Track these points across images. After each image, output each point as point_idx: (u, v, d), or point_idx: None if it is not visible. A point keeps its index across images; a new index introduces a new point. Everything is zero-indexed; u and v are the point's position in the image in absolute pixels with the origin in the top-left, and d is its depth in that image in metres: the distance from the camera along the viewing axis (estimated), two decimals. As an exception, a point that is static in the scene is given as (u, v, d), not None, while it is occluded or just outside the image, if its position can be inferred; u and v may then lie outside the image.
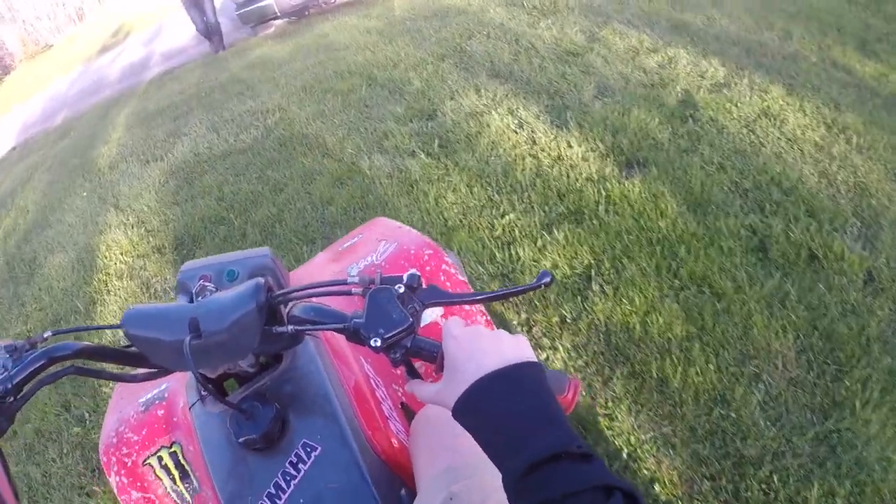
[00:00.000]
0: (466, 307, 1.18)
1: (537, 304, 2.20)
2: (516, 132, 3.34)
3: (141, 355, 0.86)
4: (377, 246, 1.23)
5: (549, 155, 3.05)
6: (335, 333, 0.93)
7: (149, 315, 0.83)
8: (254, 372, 0.94)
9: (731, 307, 1.98)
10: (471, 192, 2.91)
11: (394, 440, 0.97)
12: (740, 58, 3.63)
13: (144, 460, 1.08)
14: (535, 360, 0.64)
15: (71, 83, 11.59)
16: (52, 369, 0.81)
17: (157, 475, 1.07)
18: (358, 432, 0.88)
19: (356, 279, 0.78)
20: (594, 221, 2.49)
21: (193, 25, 7.13)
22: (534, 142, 3.21)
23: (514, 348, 0.64)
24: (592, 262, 2.30)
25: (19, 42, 17.96)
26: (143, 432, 1.10)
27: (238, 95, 5.39)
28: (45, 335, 0.85)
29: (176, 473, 1.05)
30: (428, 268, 1.10)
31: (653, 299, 2.07)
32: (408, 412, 1.09)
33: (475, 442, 0.63)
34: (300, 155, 3.81)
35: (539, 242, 2.48)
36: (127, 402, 1.16)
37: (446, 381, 0.65)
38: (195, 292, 0.87)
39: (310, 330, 0.82)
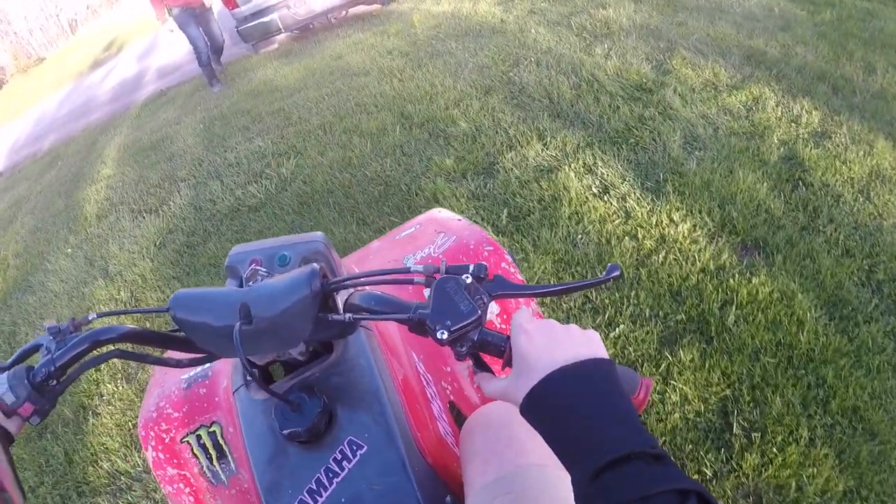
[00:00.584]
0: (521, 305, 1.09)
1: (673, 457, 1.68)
2: (602, 199, 2.60)
3: (187, 340, 0.83)
4: (435, 238, 1.16)
5: (650, 234, 2.35)
6: (387, 324, 0.99)
7: (197, 299, 0.79)
8: (303, 360, 0.91)
9: (886, 449, 1.63)
10: (562, 290, 2.15)
11: (442, 443, 0.92)
12: (830, 98, 3.07)
13: (183, 437, 1.06)
14: (608, 357, 0.61)
15: (60, 102, 10.78)
16: (95, 353, 0.80)
17: (194, 453, 1.05)
18: (406, 433, 0.82)
19: (420, 268, 0.75)
20: (723, 336, 1.94)
21: (194, 50, 5.91)
22: (627, 214, 2.49)
23: (586, 344, 0.61)
24: (728, 393, 1.81)
25: (10, 56, 17.10)
26: (184, 409, 1.08)
27: (243, 130, 4.60)
28: (90, 317, 0.83)
29: (213, 453, 1.03)
30: (487, 264, 0.89)
31: (805, 444, 1.66)
32: (455, 412, 1.03)
33: (529, 451, 0.70)
34: (328, 221, 3.03)
35: (661, 366, 1.90)
36: (169, 378, 1.12)
37: (515, 375, 0.62)
38: (246, 277, 0.86)
39: (369, 319, 0.77)
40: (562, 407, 0.57)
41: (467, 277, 0.70)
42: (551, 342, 0.61)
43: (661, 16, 4.44)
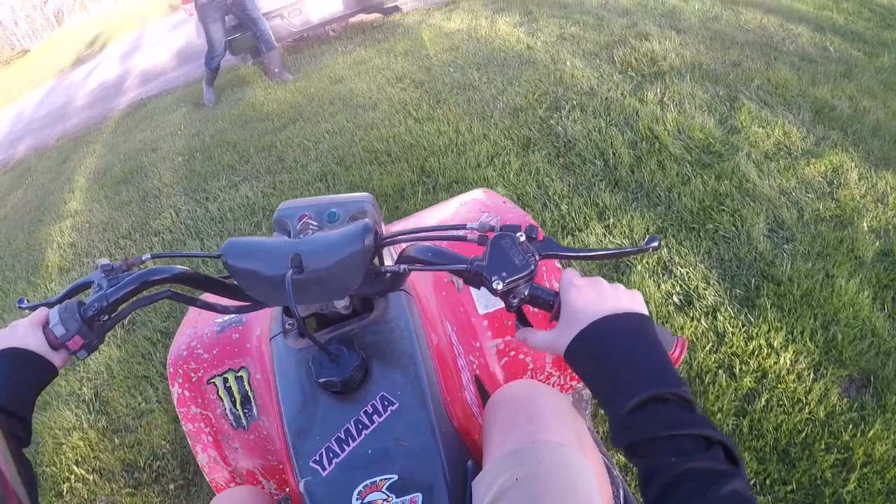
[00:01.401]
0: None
1: None
2: (686, 313, 1.97)
3: (235, 287, 0.86)
4: (479, 216, 1.08)
5: (748, 366, 1.78)
6: (426, 292, 1.03)
7: (250, 247, 0.81)
8: (345, 315, 0.92)
9: None
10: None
11: (468, 411, 0.93)
12: (913, 170, 2.48)
13: (209, 378, 1.09)
14: (648, 315, 0.65)
15: (40, 101, 9.91)
16: (146, 292, 0.82)
17: (218, 395, 1.07)
18: (437, 396, 0.83)
19: (475, 225, 0.78)
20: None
21: (208, 48, 4.93)
22: (719, 337, 1.88)
23: (630, 300, 0.65)
24: None
25: (-9, 47, 16.02)
26: (214, 352, 1.11)
27: (227, 170, 3.83)
28: (144, 258, 0.86)
29: (237, 397, 1.06)
30: (537, 226, 0.88)
31: None
32: (480, 387, 1.05)
33: (549, 428, 0.71)
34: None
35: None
36: (203, 319, 1.13)
37: (562, 327, 0.66)
38: (297, 230, 0.87)
39: (424, 270, 0.81)
40: (605, 349, 0.61)
41: (521, 235, 0.72)
42: (599, 296, 0.65)
43: (711, 52, 3.76)
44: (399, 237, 0.83)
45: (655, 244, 0.70)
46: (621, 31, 4.27)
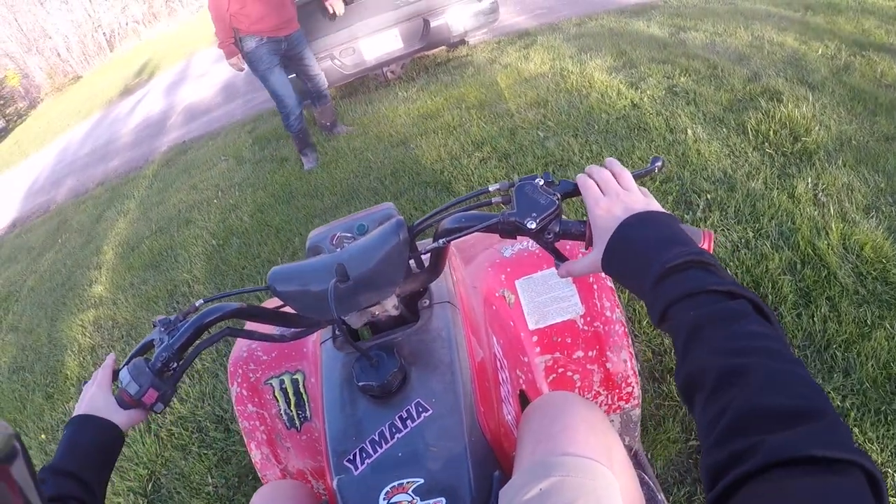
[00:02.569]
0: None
1: None
2: None
3: (286, 314, 0.95)
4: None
5: None
6: (474, 305, 1.08)
7: (294, 271, 0.87)
8: (392, 319, 0.97)
9: None
10: None
11: (502, 423, 0.96)
12: None
13: (267, 380, 1.15)
14: (661, 209, 0.69)
15: (86, 135, 9.82)
16: (206, 335, 0.88)
17: (275, 395, 1.14)
18: (470, 406, 0.87)
19: (496, 185, 0.83)
20: None
21: (279, 108, 4.13)
22: None
23: (646, 202, 0.70)
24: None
25: (45, 75, 16.24)
26: (273, 354, 1.18)
27: (267, 265, 3.25)
28: (197, 304, 0.91)
29: (292, 399, 1.12)
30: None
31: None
32: (524, 401, 1.07)
33: (581, 442, 0.74)
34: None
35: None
36: (259, 329, 1.13)
37: (596, 246, 0.70)
38: (334, 245, 0.93)
39: (461, 236, 0.84)
40: (632, 246, 0.65)
41: (539, 181, 0.78)
42: (619, 205, 0.69)
43: (855, 120, 2.97)
44: (430, 219, 0.88)
45: (659, 164, 0.79)
46: (743, 86, 3.46)
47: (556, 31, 5.47)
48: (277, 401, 1.14)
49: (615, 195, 0.71)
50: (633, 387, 1.20)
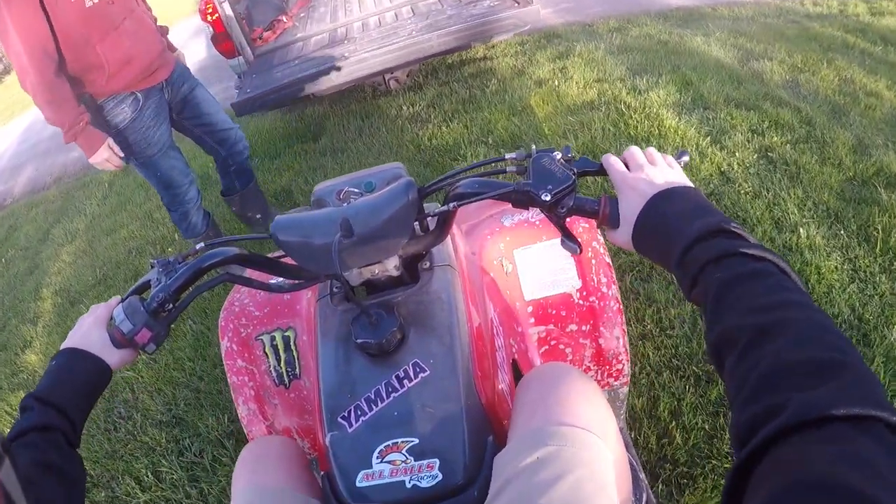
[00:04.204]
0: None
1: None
2: None
3: (286, 265, 0.95)
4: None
5: None
6: (473, 270, 1.10)
7: (298, 221, 0.89)
8: (391, 279, 0.98)
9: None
10: None
11: (497, 389, 0.97)
12: None
13: (258, 335, 1.17)
14: (689, 184, 0.73)
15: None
16: (205, 278, 0.88)
17: (265, 352, 1.15)
18: (468, 369, 0.88)
19: (513, 154, 0.85)
20: None
21: (165, 202, 2.68)
22: None
23: (674, 175, 0.73)
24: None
25: None
26: (266, 310, 1.18)
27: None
28: (198, 247, 0.90)
29: (283, 356, 1.14)
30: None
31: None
32: (516, 371, 1.10)
33: (578, 414, 0.77)
34: None
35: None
36: (258, 278, 1.11)
37: (626, 225, 0.73)
38: (340, 199, 0.97)
39: (473, 201, 0.85)
40: (661, 221, 0.68)
41: (557, 154, 0.81)
42: (647, 183, 0.72)
43: None
44: (441, 182, 0.90)
45: (686, 158, 0.79)
46: (852, 161, 2.84)
47: (594, 37, 4.69)
48: (267, 357, 1.16)
49: (640, 170, 0.74)
50: (624, 364, 1.22)
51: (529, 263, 1.19)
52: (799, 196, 2.64)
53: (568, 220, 0.83)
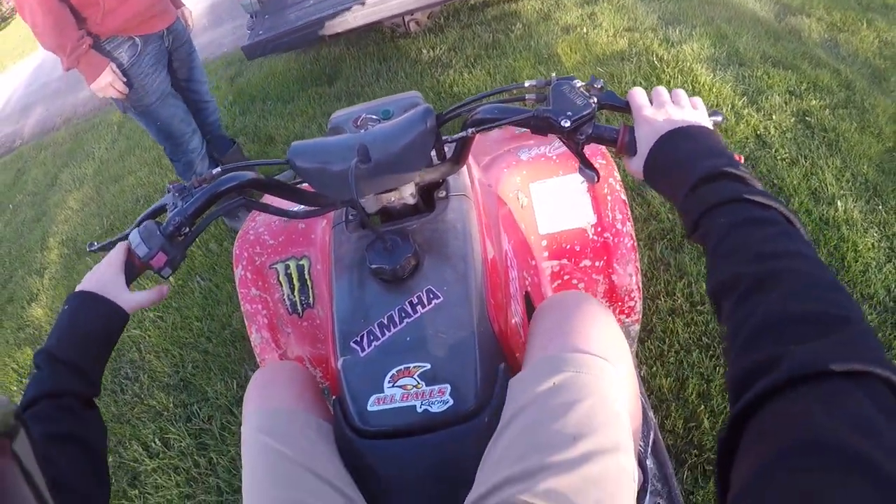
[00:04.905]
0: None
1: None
2: None
3: (302, 191, 0.97)
4: (553, 139, 1.20)
5: None
6: (489, 201, 1.10)
7: (316, 147, 0.87)
8: (407, 208, 0.99)
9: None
10: None
11: (509, 320, 0.98)
12: None
13: (272, 263, 1.17)
14: (709, 125, 0.74)
15: None
16: (221, 202, 0.89)
17: (278, 280, 1.16)
18: (481, 297, 0.89)
19: (532, 82, 0.86)
20: None
21: (168, 153, 2.66)
22: None
23: (693, 115, 0.75)
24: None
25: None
26: (280, 239, 1.19)
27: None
28: (214, 172, 0.90)
29: (296, 284, 1.14)
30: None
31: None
32: (528, 304, 1.10)
33: (593, 341, 0.78)
34: None
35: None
36: (273, 204, 1.13)
37: (639, 156, 0.75)
38: (357, 126, 0.96)
39: (492, 127, 0.85)
40: (672, 157, 0.70)
41: (577, 82, 0.82)
42: (665, 117, 0.74)
43: None
44: (459, 109, 0.89)
45: (720, 118, 0.80)
46: (892, 130, 2.79)
47: (624, -18, 4.47)
48: (281, 285, 1.14)
49: (662, 107, 0.75)
50: (636, 301, 1.22)
51: (545, 197, 1.19)
52: (837, 166, 2.58)
53: (587, 149, 0.84)
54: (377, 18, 3.49)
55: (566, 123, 0.78)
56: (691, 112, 0.75)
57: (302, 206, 1.00)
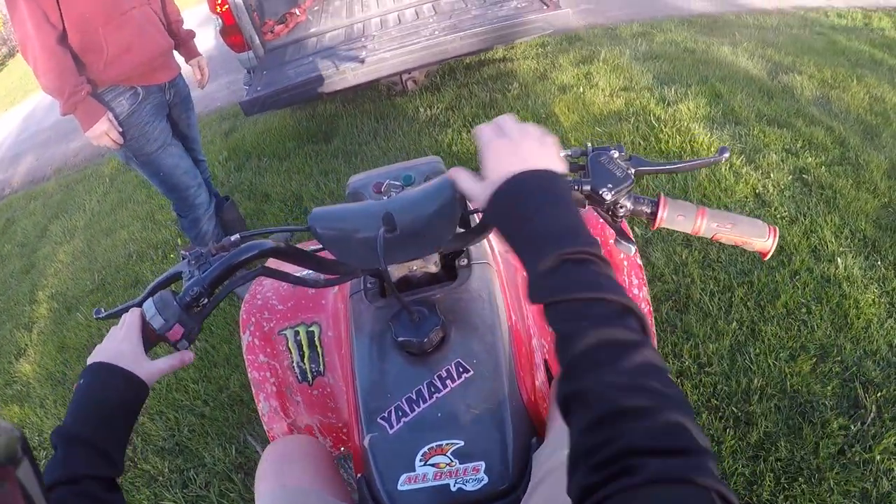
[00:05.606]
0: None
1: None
2: None
3: (323, 259, 0.93)
4: None
5: None
6: (509, 270, 1.09)
7: (338, 213, 0.86)
8: (427, 276, 0.98)
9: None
10: None
11: (536, 389, 0.96)
12: None
13: (281, 330, 1.15)
14: (559, 169, 0.68)
15: (51, 103, 8.55)
16: (240, 273, 0.86)
17: (287, 347, 1.14)
18: (511, 369, 0.88)
19: (568, 151, 0.83)
20: None
21: (176, 209, 2.69)
22: None
23: (541, 155, 0.68)
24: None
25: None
26: (289, 304, 1.18)
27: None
28: (233, 238, 0.89)
29: (306, 351, 1.12)
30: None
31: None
32: (548, 370, 1.08)
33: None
34: None
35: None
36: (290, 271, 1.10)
37: (483, 185, 0.69)
38: (380, 192, 0.97)
39: None
40: (524, 207, 0.63)
41: (614, 152, 0.81)
42: (511, 152, 0.68)
43: None
44: None
45: (726, 155, 0.83)
46: (887, 186, 2.85)
47: (618, 42, 4.65)
48: (290, 352, 1.14)
49: (509, 139, 0.70)
50: None
51: None
52: (836, 223, 2.63)
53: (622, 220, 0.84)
54: (375, 77, 3.57)
55: (608, 196, 0.77)
56: (539, 149, 0.69)
57: (321, 274, 0.98)
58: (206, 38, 7.34)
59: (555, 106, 3.75)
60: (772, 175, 2.93)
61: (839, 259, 2.43)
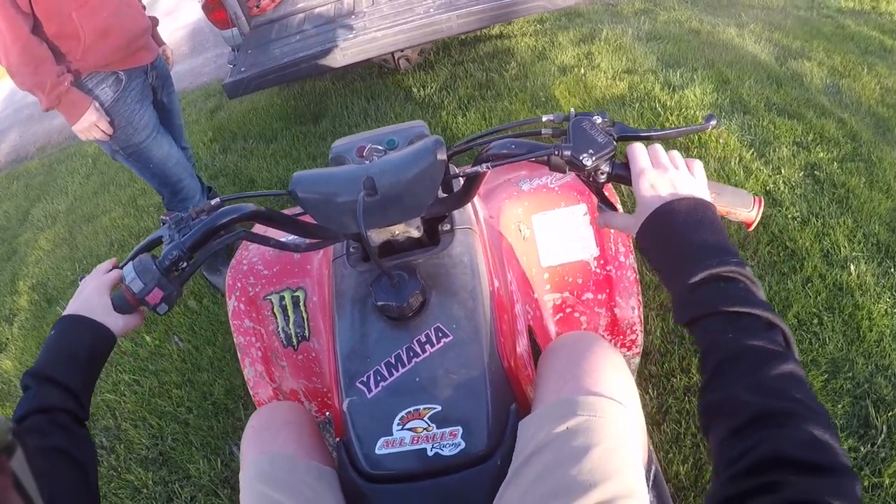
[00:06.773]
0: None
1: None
2: None
3: (304, 223, 0.94)
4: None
5: None
6: (493, 234, 1.11)
7: (320, 177, 0.87)
8: (409, 241, 0.97)
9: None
10: None
11: (517, 356, 0.97)
12: None
13: (266, 295, 1.15)
14: (708, 199, 0.73)
15: None
16: (218, 236, 0.86)
17: (273, 312, 1.14)
18: (491, 335, 0.88)
19: (550, 116, 0.85)
20: None
21: (163, 197, 2.55)
22: None
23: (691, 185, 0.73)
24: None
25: None
26: (275, 269, 1.17)
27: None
28: (213, 202, 0.89)
29: (291, 316, 1.13)
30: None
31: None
32: (531, 339, 1.10)
33: (607, 383, 0.80)
34: None
35: None
36: (273, 236, 1.10)
37: (637, 213, 0.74)
38: (362, 157, 0.95)
39: (507, 163, 0.84)
40: (669, 230, 0.69)
41: (597, 118, 0.81)
42: (665, 182, 0.73)
43: None
44: (472, 142, 0.90)
45: (713, 122, 0.82)
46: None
47: (619, 20, 4.51)
48: (276, 317, 1.14)
49: (663, 169, 0.74)
50: (637, 335, 1.23)
51: (548, 229, 1.19)
52: (849, 225, 2.57)
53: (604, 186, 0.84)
54: (365, 57, 3.41)
55: (588, 162, 0.78)
56: (690, 179, 0.74)
57: (303, 239, 0.98)
58: (192, 10, 7.09)
59: (555, 88, 3.63)
60: (783, 171, 2.86)
61: (852, 265, 2.38)
